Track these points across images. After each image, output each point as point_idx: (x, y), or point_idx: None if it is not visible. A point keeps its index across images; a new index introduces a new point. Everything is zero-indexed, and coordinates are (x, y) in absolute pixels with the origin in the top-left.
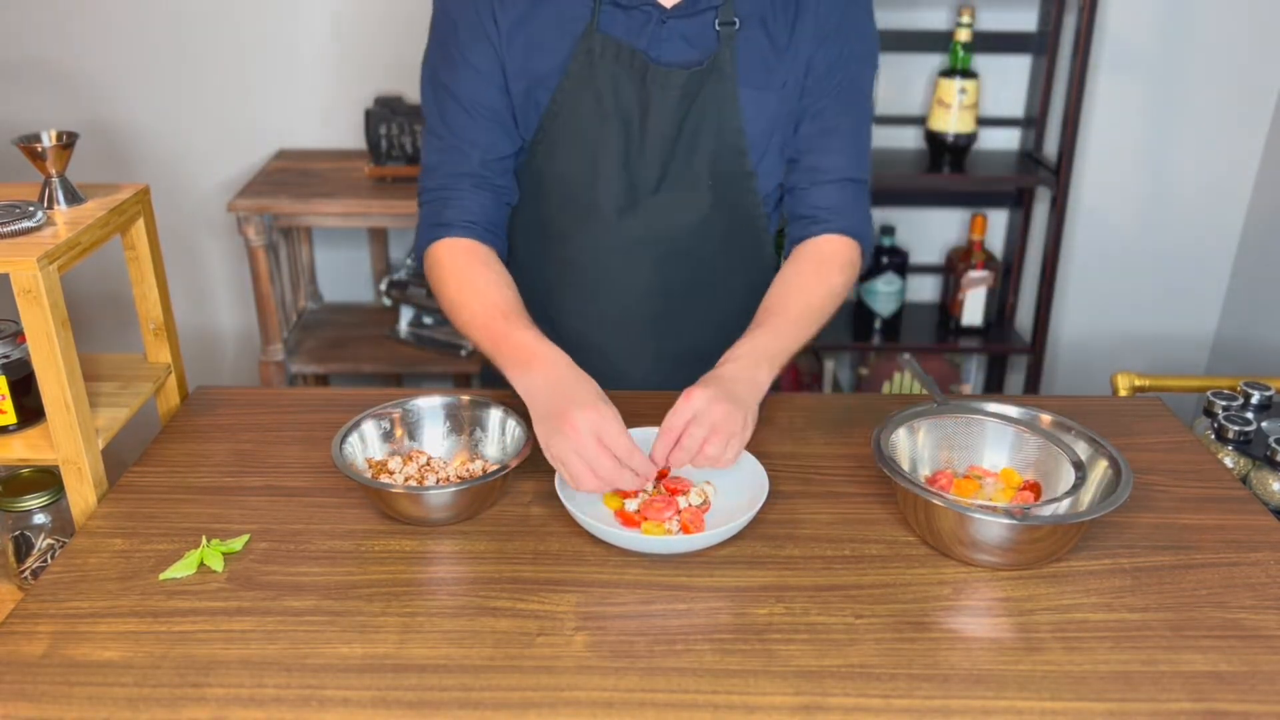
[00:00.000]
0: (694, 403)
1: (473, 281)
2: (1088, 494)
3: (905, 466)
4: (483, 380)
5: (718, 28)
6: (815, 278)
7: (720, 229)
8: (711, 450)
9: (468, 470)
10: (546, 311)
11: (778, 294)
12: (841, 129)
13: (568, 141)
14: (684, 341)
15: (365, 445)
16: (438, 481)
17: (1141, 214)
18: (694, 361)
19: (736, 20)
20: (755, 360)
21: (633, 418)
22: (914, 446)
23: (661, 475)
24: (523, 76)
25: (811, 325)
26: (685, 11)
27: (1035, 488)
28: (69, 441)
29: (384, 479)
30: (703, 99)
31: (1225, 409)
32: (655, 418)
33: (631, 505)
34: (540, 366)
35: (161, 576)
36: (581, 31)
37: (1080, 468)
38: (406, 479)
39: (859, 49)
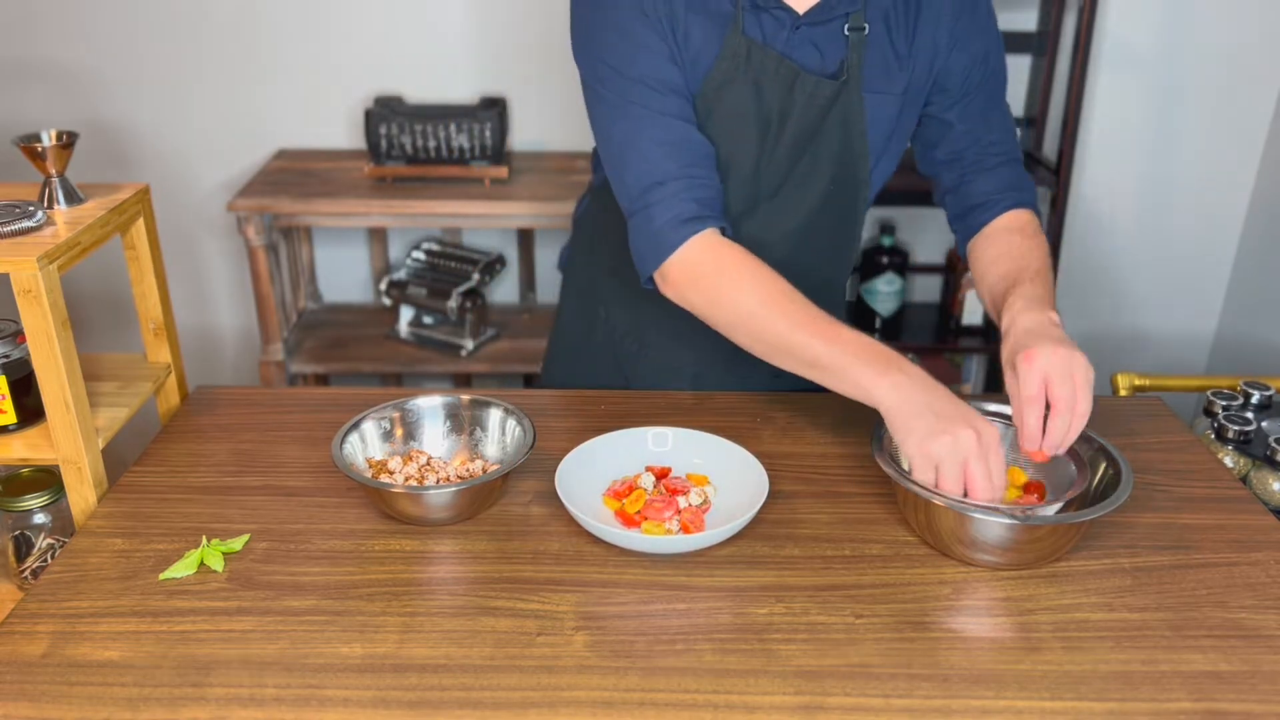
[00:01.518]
0: (1038, 362)
1: (770, 287)
2: (1088, 494)
3: (906, 466)
4: (545, 380)
5: (846, 33)
6: (1027, 239)
7: (821, 231)
8: (1084, 405)
9: (468, 470)
10: (635, 307)
11: (1006, 263)
12: (993, 118)
13: None
14: None
15: (365, 445)
16: (438, 481)
17: (1141, 214)
18: (769, 368)
19: (866, 26)
20: (1035, 306)
21: (641, 418)
22: None
23: (662, 475)
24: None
25: (1049, 275)
26: (817, 18)
27: (1038, 488)
28: (69, 441)
29: (384, 479)
30: (838, 106)
31: (1225, 409)
32: (663, 418)
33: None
34: (908, 373)
35: (161, 576)
36: (727, 33)
37: (1083, 466)
38: (406, 479)
39: (989, 41)
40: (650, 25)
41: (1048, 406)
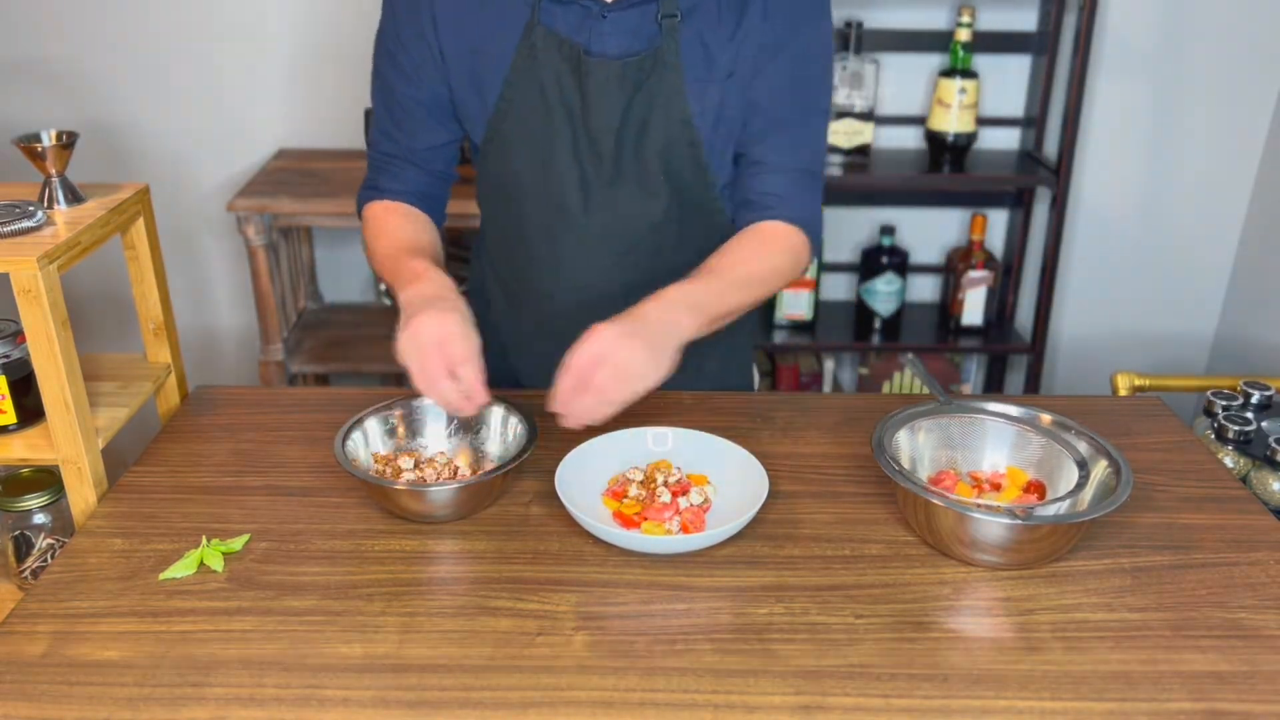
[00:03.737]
0: (600, 341)
1: (387, 227)
2: (1088, 494)
3: (906, 466)
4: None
5: (659, 20)
6: (756, 251)
7: (679, 221)
8: (610, 393)
9: (476, 468)
10: (514, 304)
11: (715, 259)
12: (791, 120)
13: (518, 138)
14: None
15: (368, 442)
16: (438, 478)
17: (1141, 214)
18: None
19: (678, 13)
20: (679, 304)
21: (641, 418)
22: (915, 446)
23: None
24: (469, 76)
25: (748, 292)
26: (624, 4)
27: (1039, 487)
28: (69, 441)
29: (403, 476)
30: (647, 91)
31: (1225, 409)
32: (664, 417)
33: (634, 489)
34: (422, 282)
35: (161, 576)
36: (523, 28)
37: (1084, 466)
38: (419, 476)
39: (810, 39)
40: (416, 24)
41: None
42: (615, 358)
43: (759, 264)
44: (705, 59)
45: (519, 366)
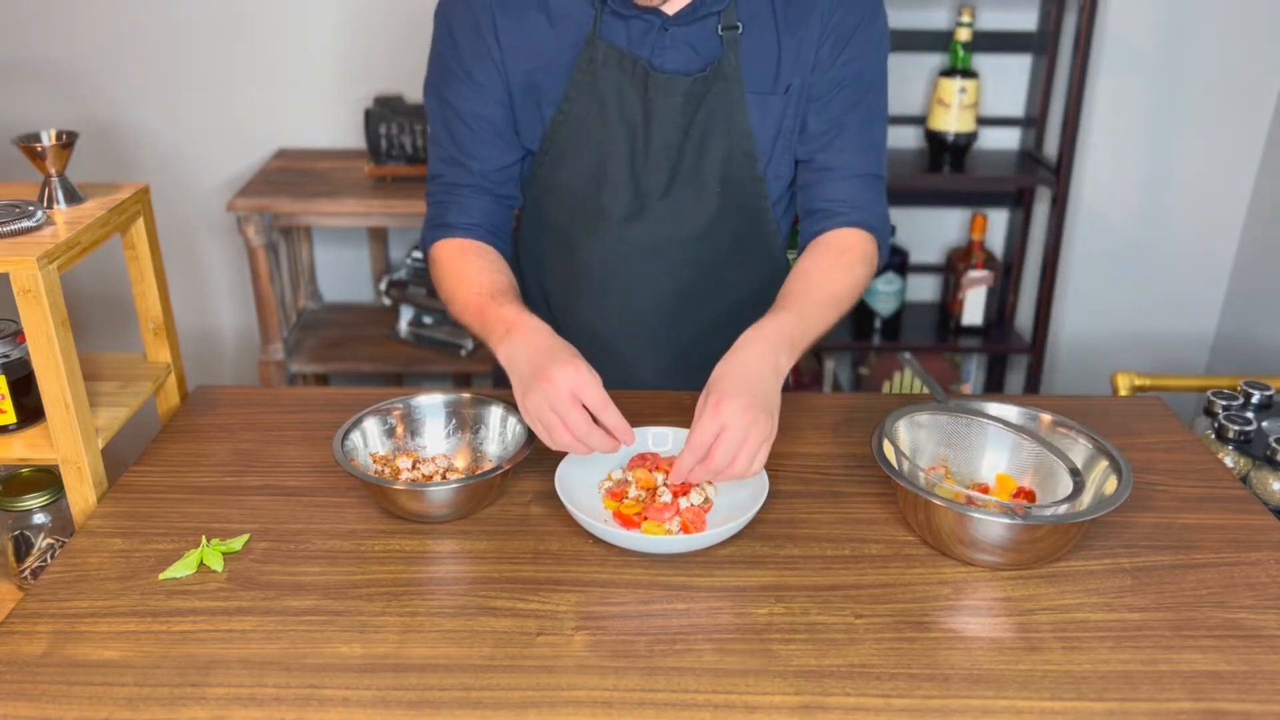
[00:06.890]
0: (723, 415)
1: (465, 271)
2: (1088, 494)
3: (905, 466)
4: (494, 382)
5: (721, 33)
6: (838, 267)
7: (729, 232)
8: (740, 466)
9: (476, 468)
10: (556, 316)
11: (799, 281)
12: (851, 125)
13: (574, 150)
14: (693, 344)
15: (367, 442)
16: (436, 478)
17: (1141, 214)
18: (703, 363)
19: (739, 25)
20: (776, 342)
21: (642, 417)
22: (914, 446)
23: (654, 467)
24: (527, 89)
25: (834, 312)
26: (687, 18)
27: (1030, 495)
28: (69, 441)
29: (402, 476)
30: (709, 104)
31: (1225, 409)
32: (664, 417)
33: (633, 492)
34: (520, 334)
35: (161, 576)
36: (584, 41)
37: (1078, 474)
38: (425, 476)
39: (868, 44)
40: (479, 43)
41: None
42: (739, 428)
43: (842, 278)
44: (765, 71)
45: None
